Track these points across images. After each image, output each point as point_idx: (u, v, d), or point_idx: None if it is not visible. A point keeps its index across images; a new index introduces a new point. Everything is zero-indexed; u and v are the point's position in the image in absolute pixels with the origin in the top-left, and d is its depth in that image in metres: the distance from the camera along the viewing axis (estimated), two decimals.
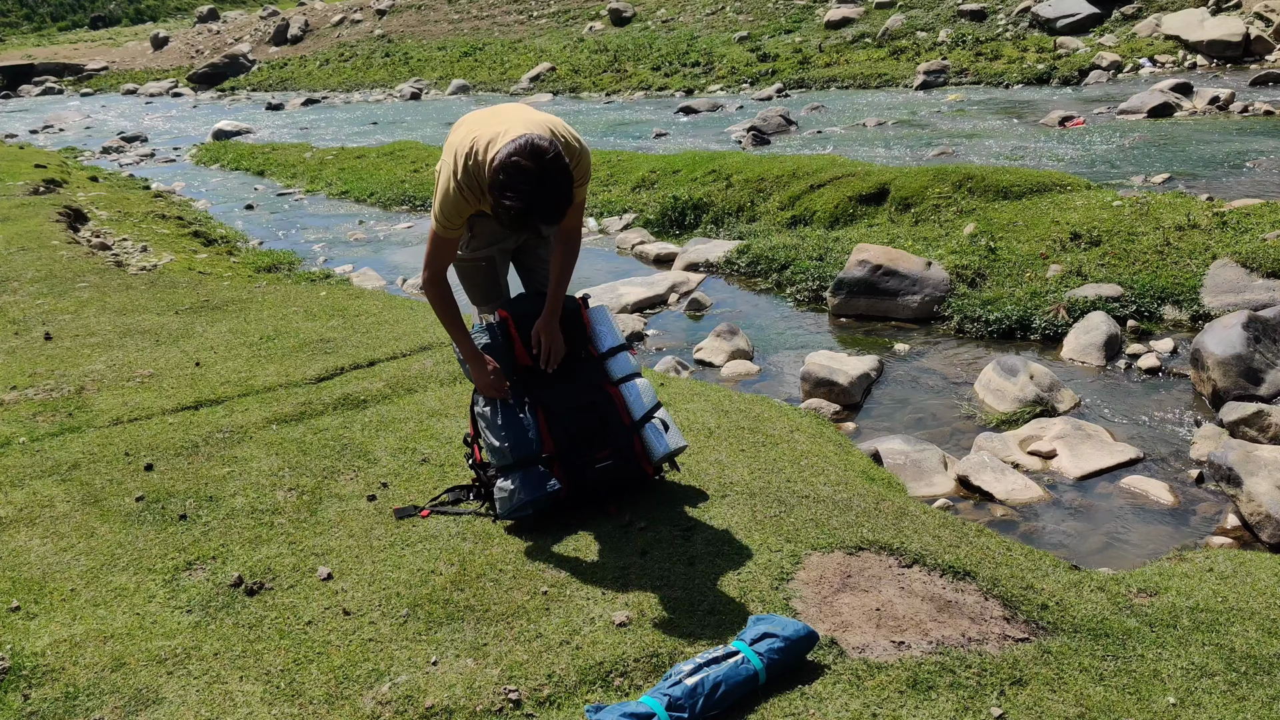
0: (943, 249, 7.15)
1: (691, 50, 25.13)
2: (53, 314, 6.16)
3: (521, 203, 2.66)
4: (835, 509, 3.28)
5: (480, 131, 2.89)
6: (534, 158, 2.66)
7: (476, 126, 2.95)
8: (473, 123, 3.01)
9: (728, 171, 9.95)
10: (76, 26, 52.77)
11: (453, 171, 2.89)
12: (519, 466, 3.13)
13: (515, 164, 2.66)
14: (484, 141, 2.84)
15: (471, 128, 2.96)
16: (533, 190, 2.65)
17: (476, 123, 2.99)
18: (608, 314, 3.41)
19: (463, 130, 3.00)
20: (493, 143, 2.81)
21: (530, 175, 2.65)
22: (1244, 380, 4.85)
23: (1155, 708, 2.34)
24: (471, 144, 2.86)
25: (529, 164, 2.65)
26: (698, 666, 2.33)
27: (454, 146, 2.94)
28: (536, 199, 2.67)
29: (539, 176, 2.65)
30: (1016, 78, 18.00)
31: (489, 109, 3.16)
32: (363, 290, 7.25)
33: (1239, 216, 6.73)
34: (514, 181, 2.66)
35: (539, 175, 2.65)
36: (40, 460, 3.88)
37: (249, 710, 2.39)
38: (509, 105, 3.15)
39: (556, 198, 2.70)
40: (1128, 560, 3.68)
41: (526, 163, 2.65)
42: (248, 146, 17.77)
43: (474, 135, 2.89)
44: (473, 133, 2.91)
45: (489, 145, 2.81)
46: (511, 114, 2.97)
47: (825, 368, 5.40)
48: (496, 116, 2.97)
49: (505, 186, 2.67)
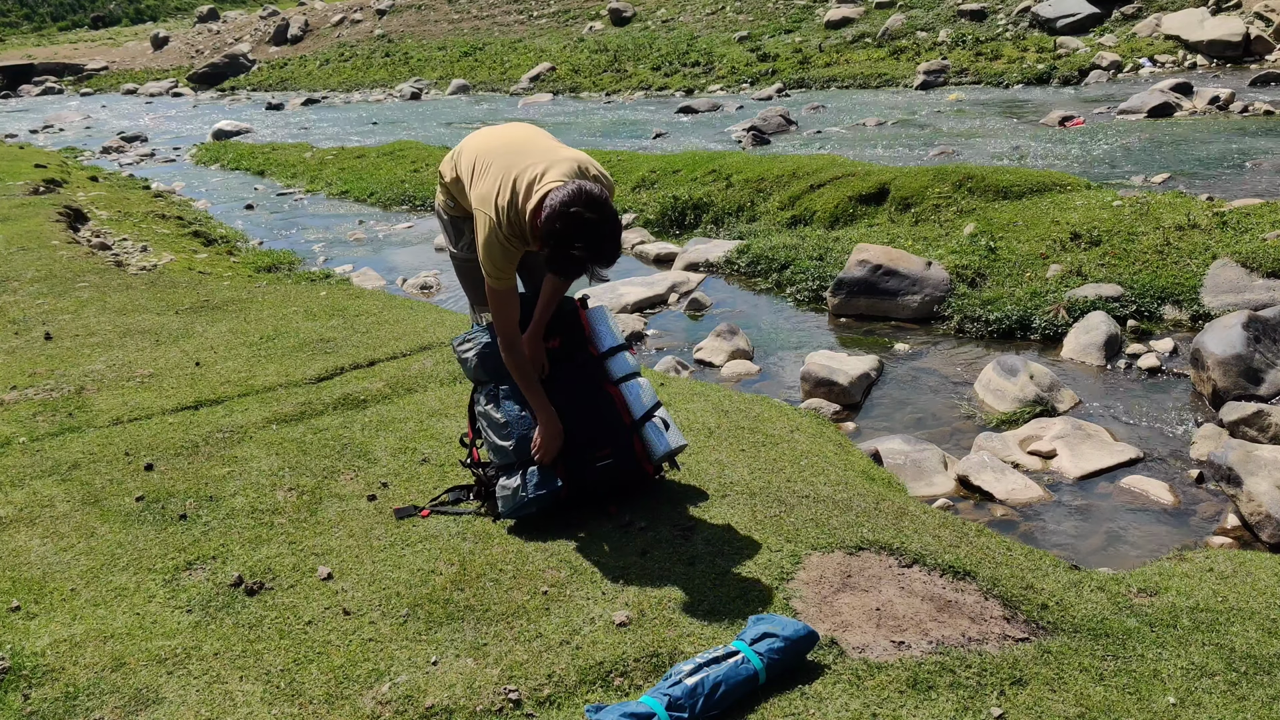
0: (943, 249, 7.15)
1: (691, 50, 25.13)
2: (53, 314, 6.16)
3: (589, 253, 2.68)
4: (835, 509, 3.28)
5: (512, 173, 2.86)
6: (595, 208, 2.67)
7: (504, 166, 2.90)
8: (497, 159, 2.94)
9: (728, 171, 9.95)
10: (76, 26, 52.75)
11: (496, 225, 2.86)
12: (522, 465, 3.13)
13: (578, 216, 2.66)
14: (523, 186, 2.82)
15: (500, 169, 2.90)
16: (598, 240, 2.68)
17: (502, 160, 2.93)
18: (607, 314, 3.41)
19: (491, 174, 2.92)
20: (533, 187, 2.80)
21: (593, 226, 2.67)
22: (1244, 380, 4.85)
23: (1155, 708, 2.34)
24: (511, 192, 2.84)
25: (591, 215, 2.66)
26: (698, 666, 2.33)
27: (489, 197, 2.88)
28: (603, 249, 2.69)
29: (600, 226, 2.67)
30: (1016, 78, 18.00)
31: (500, 133, 3.11)
32: (363, 290, 7.25)
33: (1239, 216, 6.73)
34: (578, 233, 2.66)
35: (599, 224, 2.67)
36: (40, 460, 3.88)
37: (249, 710, 2.39)
38: (522, 131, 3.12)
39: (617, 244, 2.74)
40: (1128, 560, 3.68)
41: (589, 215, 2.66)
42: (248, 146, 17.77)
43: (508, 179, 2.86)
44: (504, 175, 2.87)
45: (529, 190, 2.80)
46: (535, 147, 2.95)
47: (825, 367, 5.40)
48: (520, 152, 2.93)
49: (570, 238, 2.67)
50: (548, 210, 2.70)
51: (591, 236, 2.67)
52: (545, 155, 2.90)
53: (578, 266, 2.74)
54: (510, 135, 3.10)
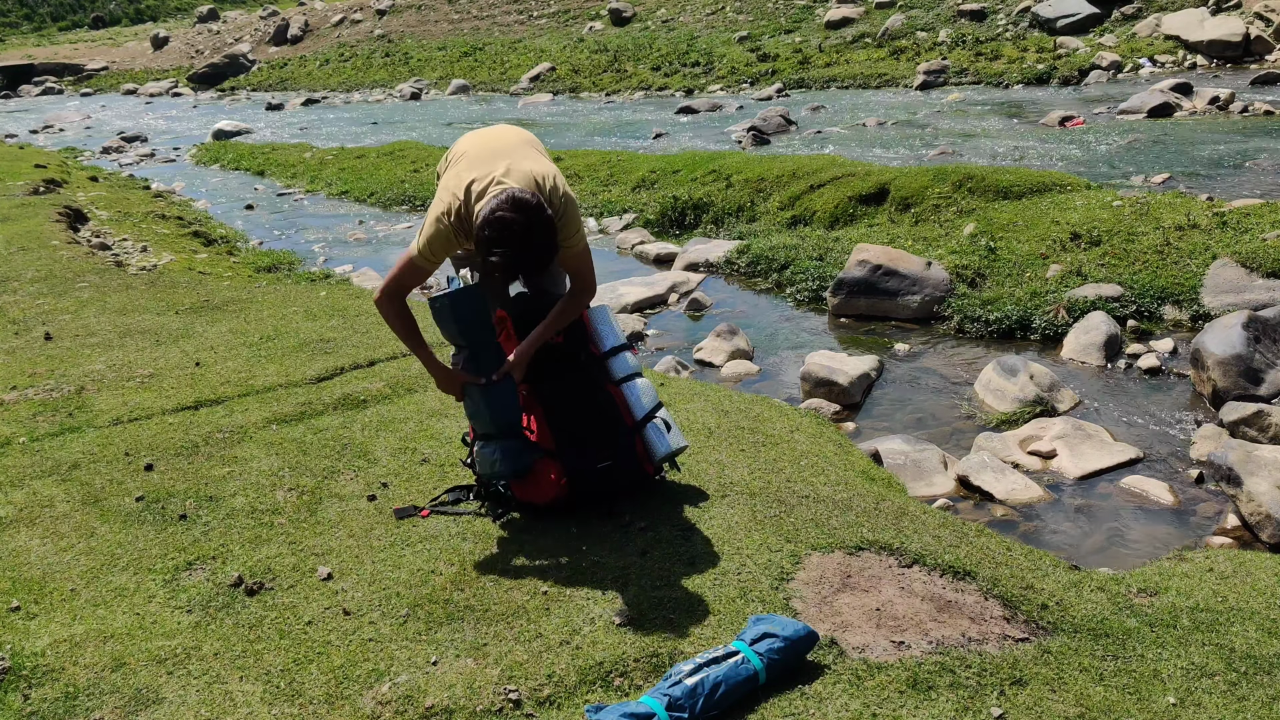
0: (943, 249, 7.15)
1: (691, 50, 25.13)
2: (53, 314, 6.16)
3: (506, 259, 2.70)
4: (835, 509, 3.28)
5: (475, 174, 2.89)
6: (517, 210, 2.69)
7: (473, 165, 2.94)
8: (471, 156, 2.99)
9: (728, 171, 9.95)
10: (76, 26, 52.75)
11: (446, 211, 2.89)
12: (500, 437, 3.12)
13: (500, 219, 2.68)
14: (478, 189, 2.85)
15: (468, 164, 2.95)
16: (517, 246, 2.69)
17: (473, 157, 2.97)
18: (609, 313, 3.40)
19: (462, 164, 2.97)
20: (483, 192, 2.83)
21: (514, 230, 2.68)
22: (1244, 380, 4.85)
23: (1155, 708, 2.34)
24: (467, 189, 2.87)
25: (512, 216, 2.68)
26: (698, 666, 2.33)
27: (450, 187, 2.92)
28: (521, 255, 2.71)
29: (523, 232, 2.69)
30: (1016, 78, 18.00)
31: (489, 134, 3.14)
32: (363, 290, 7.25)
33: (1239, 216, 6.73)
34: (499, 237, 2.69)
35: (524, 230, 2.69)
36: (40, 460, 3.88)
37: (249, 710, 2.39)
38: (508, 134, 3.14)
39: (539, 253, 2.74)
40: (1128, 560, 3.68)
41: (510, 215, 2.68)
42: (248, 146, 17.77)
43: (469, 178, 2.89)
44: (468, 173, 2.91)
45: (479, 194, 2.83)
46: (507, 153, 2.96)
47: (825, 368, 5.40)
48: (494, 155, 2.96)
49: (491, 242, 2.70)
50: (478, 215, 2.74)
51: (509, 240, 2.69)
52: (511, 163, 2.92)
53: (499, 271, 2.76)
54: (493, 139, 3.11)
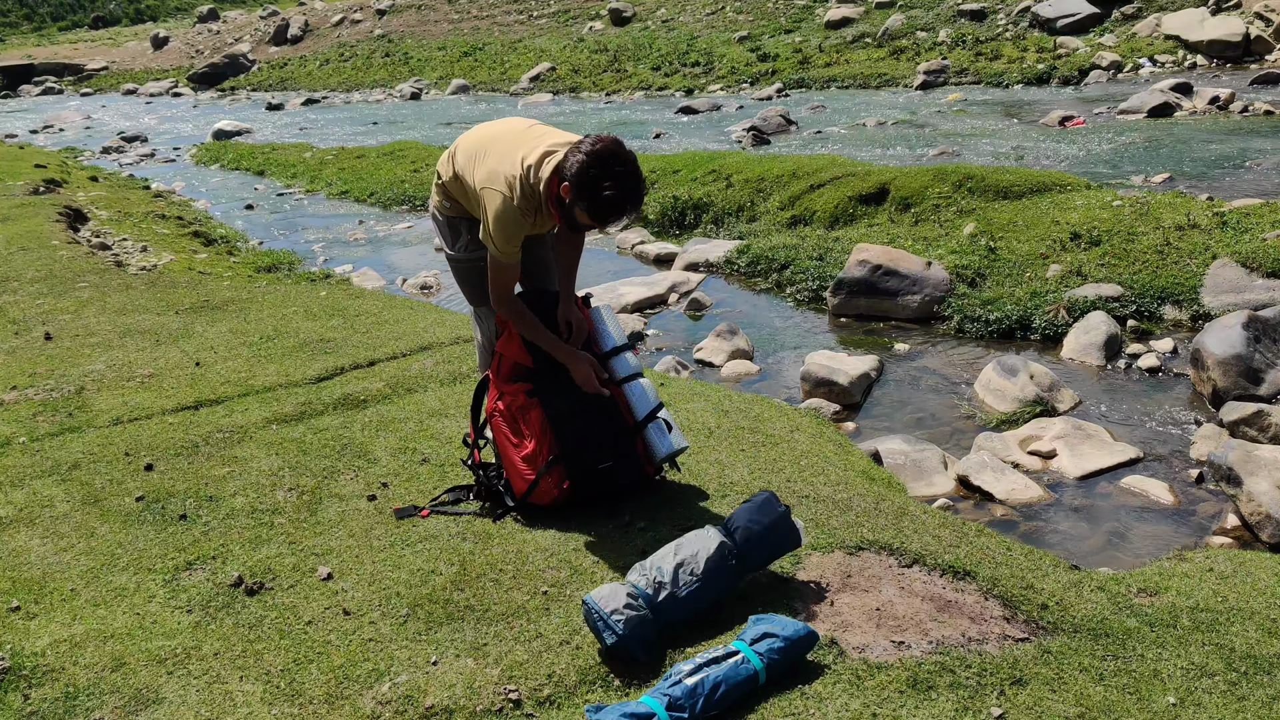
0: (943, 249, 7.15)
1: (691, 50, 25.12)
2: (53, 314, 6.16)
3: (619, 190, 2.82)
4: (835, 509, 3.28)
5: (520, 150, 3.00)
6: (621, 151, 2.86)
7: (510, 146, 3.03)
8: (497, 143, 3.07)
9: (728, 171, 9.95)
10: (76, 26, 52.72)
11: (508, 198, 2.96)
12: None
13: (610, 155, 2.83)
14: (534, 158, 2.96)
15: (504, 149, 3.03)
16: (628, 179, 2.84)
17: (504, 142, 3.06)
18: (610, 313, 3.40)
19: (497, 150, 3.04)
20: (544, 159, 2.95)
21: (624, 165, 2.85)
22: (1244, 380, 4.85)
23: (1155, 708, 2.34)
24: (524, 165, 2.96)
25: (625, 153, 2.87)
26: (698, 666, 2.33)
27: (501, 172, 2.98)
28: (631, 187, 2.85)
29: (631, 167, 2.85)
30: (1016, 78, 17.99)
31: (495, 125, 3.22)
32: (363, 290, 7.25)
33: (1239, 216, 6.74)
34: (609, 173, 2.82)
35: (631, 165, 2.85)
36: (40, 460, 3.88)
37: (249, 710, 2.39)
38: (519, 120, 3.24)
39: (643, 183, 2.91)
40: (1128, 560, 3.68)
41: (622, 152, 2.86)
42: (248, 146, 17.76)
43: (514, 155, 2.99)
44: (509, 153, 3.00)
45: (540, 161, 2.95)
46: (536, 129, 3.11)
47: (825, 367, 5.40)
48: (522, 134, 3.08)
49: (599, 180, 2.81)
50: (579, 160, 2.84)
51: (620, 174, 2.83)
52: (547, 134, 3.08)
53: (613, 208, 2.86)
54: (508, 124, 3.22)
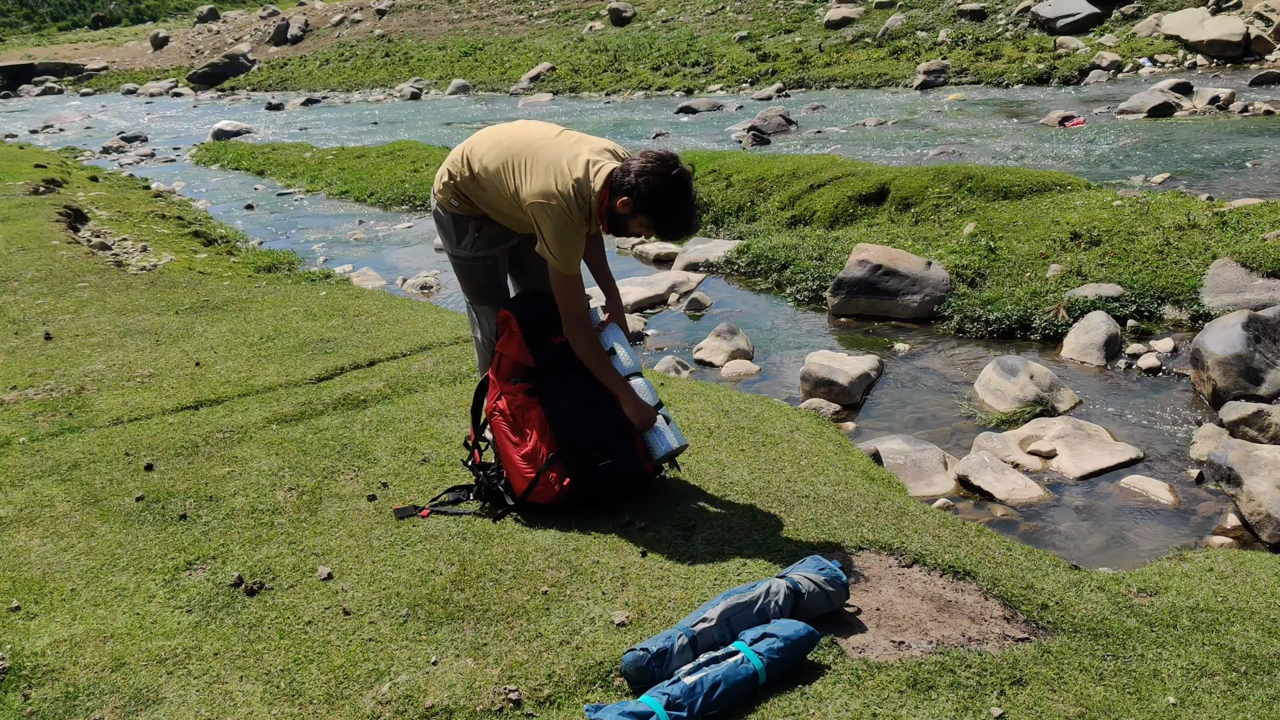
0: (943, 249, 7.15)
1: (691, 50, 25.12)
2: (53, 314, 6.16)
3: (690, 211, 2.93)
4: (835, 509, 3.28)
5: (562, 163, 3.00)
6: (687, 175, 2.96)
7: (551, 159, 3.02)
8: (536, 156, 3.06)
9: (728, 171, 9.95)
10: (76, 26, 52.72)
11: (566, 211, 2.97)
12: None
13: (678, 177, 2.91)
14: (581, 173, 2.98)
15: (546, 163, 3.02)
16: (692, 199, 2.97)
17: (543, 155, 3.05)
18: (619, 334, 3.38)
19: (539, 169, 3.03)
20: (592, 169, 2.98)
21: (689, 184, 2.95)
22: (1244, 380, 4.85)
23: (1155, 708, 2.34)
24: (574, 180, 2.98)
25: (688, 175, 2.95)
26: (697, 666, 2.33)
27: (550, 188, 2.97)
28: (693, 206, 2.99)
29: (691, 186, 2.97)
30: (1016, 78, 18.00)
31: (517, 131, 3.21)
32: (363, 290, 7.24)
33: (1239, 216, 6.74)
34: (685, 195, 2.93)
35: (690, 184, 2.97)
36: (40, 460, 3.88)
37: (249, 710, 2.39)
38: (537, 125, 3.23)
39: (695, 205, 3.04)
40: (1128, 560, 3.68)
41: (688, 175, 2.95)
42: (248, 146, 17.77)
43: (560, 169, 2.99)
44: (554, 167, 3.00)
45: (589, 173, 2.97)
46: (565, 137, 3.12)
47: (825, 367, 5.40)
48: (552, 144, 3.09)
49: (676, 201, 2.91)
50: (650, 180, 2.89)
51: (690, 198, 2.96)
52: (581, 141, 3.10)
53: (686, 227, 2.96)
54: (537, 129, 3.20)
